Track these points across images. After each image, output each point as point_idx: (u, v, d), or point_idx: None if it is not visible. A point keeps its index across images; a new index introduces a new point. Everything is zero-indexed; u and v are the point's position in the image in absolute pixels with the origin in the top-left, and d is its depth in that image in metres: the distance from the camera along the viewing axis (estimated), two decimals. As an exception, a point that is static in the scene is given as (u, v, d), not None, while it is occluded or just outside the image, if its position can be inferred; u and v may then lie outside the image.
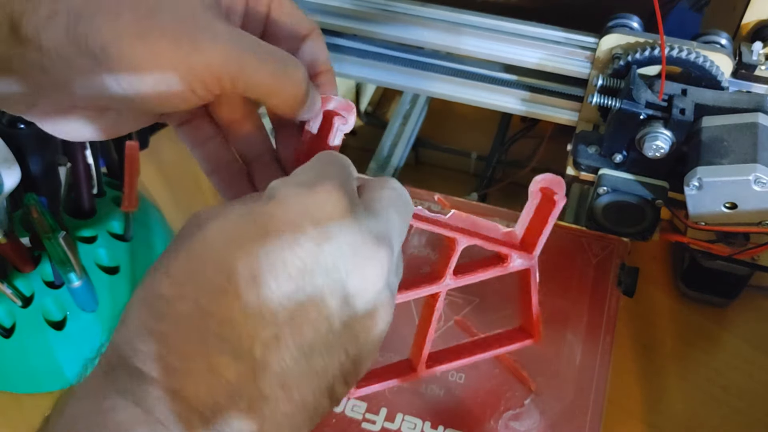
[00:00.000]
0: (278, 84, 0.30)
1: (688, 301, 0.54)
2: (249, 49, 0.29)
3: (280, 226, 0.26)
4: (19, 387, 0.50)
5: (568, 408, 0.43)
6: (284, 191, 0.27)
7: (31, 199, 0.46)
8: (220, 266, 0.25)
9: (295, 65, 0.31)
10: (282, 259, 0.26)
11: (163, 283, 0.26)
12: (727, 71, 0.44)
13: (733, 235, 0.44)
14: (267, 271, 0.25)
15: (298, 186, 0.27)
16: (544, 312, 0.41)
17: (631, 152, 0.44)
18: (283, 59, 0.30)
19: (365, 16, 0.51)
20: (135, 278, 0.52)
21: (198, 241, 0.26)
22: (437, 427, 0.42)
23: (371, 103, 0.68)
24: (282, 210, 0.26)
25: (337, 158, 0.30)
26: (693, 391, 0.50)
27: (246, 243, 0.26)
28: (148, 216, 0.57)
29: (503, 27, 0.49)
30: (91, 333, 0.50)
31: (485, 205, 0.53)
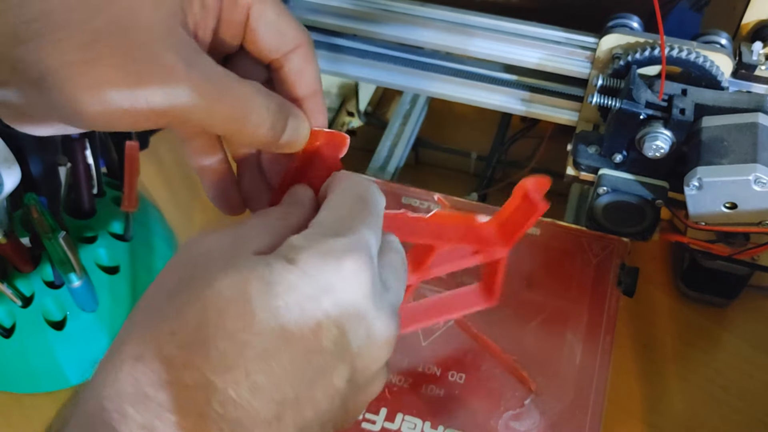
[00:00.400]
0: (237, 128, 0.28)
1: (688, 301, 0.54)
2: (203, 89, 0.26)
3: (300, 300, 0.25)
4: (19, 387, 0.50)
5: (568, 408, 0.43)
6: (309, 259, 0.25)
7: (31, 199, 0.46)
8: (233, 338, 0.24)
9: (259, 107, 0.28)
10: (298, 337, 0.24)
11: (168, 344, 0.24)
12: (727, 71, 0.44)
13: (733, 235, 0.44)
14: (281, 348, 0.24)
15: (325, 256, 0.25)
16: (544, 312, 0.41)
17: (631, 152, 0.44)
18: (244, 99, 0.28)
19: (365, 16, 0.51)
20: (135, 278, 0.52)
21: (209, 298, 0.24)
22: (437, 427, 0.42)
23: (371, 103, 0.68)
24: (304, 283, 0.25)
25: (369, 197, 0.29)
26: (693, 391, 0.50)
27: (262, 314, 0.24)
28: (148, 216, 0.57)
29: (503, 27, 0.49)
30: (91, 333, 0.50)
31: (485, 205, 0.53)
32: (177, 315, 0.24)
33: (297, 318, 0.25)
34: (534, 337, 0.45)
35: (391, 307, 0.28)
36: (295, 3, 0.53)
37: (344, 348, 0.26)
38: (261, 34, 0.31)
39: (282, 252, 0.26)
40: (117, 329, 0.53)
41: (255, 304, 0.24)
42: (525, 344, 0.45)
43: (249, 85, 0.28)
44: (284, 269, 0.25)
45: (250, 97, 0.28)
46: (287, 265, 0.25)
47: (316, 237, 0.26)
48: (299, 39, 0.31)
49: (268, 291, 0.24)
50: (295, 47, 0.31)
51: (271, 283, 0.25)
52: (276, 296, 0.24)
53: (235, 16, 0.30)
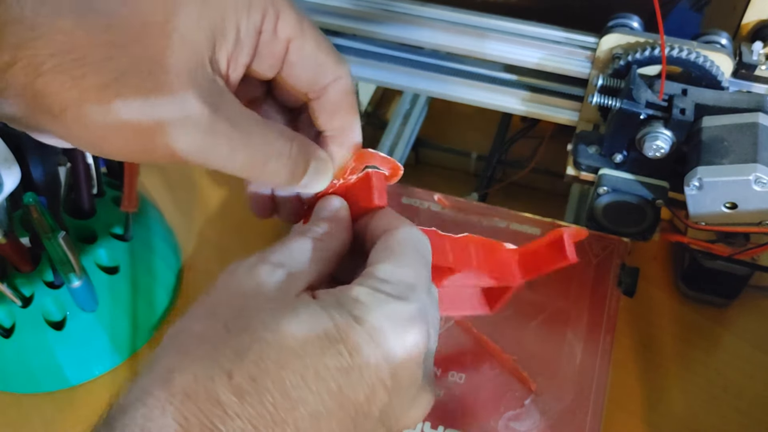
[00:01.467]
0: (255, 174, 0.28)
1: (689, 301, 0.54)
2: (223, 135, 0.26)
3: (361, 365, 0.25)
4: (19, 387, 0.50)
5: (568, 408, 0.43)
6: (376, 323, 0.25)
7: (31, 199, 0.46)
8: (289, 393, 0.24)
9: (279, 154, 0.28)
10: (352, 401, 0.24)
11: (223, 387, 0.23)
12: (727, 71, 0.44)
13: (733, 235, 0.44)
14: (333, 410, 0.24)
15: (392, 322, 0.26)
16: (544, 312, 0.41)
17: (631, 152, 0.44)
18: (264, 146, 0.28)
19: (365, 16, 0.51)
20: (135, 278, 0.52)
21: (270, 346, 0.24)
22: (437, 427, 0.42)
23: (371, 103, 0.68)
24: (369, 347, 0.25)
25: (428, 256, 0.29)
26: (693, 391, 0.50)
27: (323, 373, 0.24)
28: (148, 216, 0.57)
29: (503, 27, 0.49)
30: (91, 333, 0.50)
31: (485, 205, 0.53)
32: (234, 358, 0.24)
33: (355, 382, 0.25)
34: (534, 337, 0.45)
35: (431, 376, 0.29)
36: (295, 3, 0.53)
37: (390, 415, 0.26)
38: (299, 68, 0.30)
39: (347, 306, 0.26)
40: (117, 329, 0.53)
41: (317, 361, 0.24)
42: (525, 344, 0.45)
43: (270, 130, 0.28)
44: (350, 329, 0.25)
45: (271, 142, 0.28)
46: (354, 324, 0.25)
47: (383, 297, 0.26)
48: (338, 72, 0.31)
49: (332, 349, 0.24)
50: (334, 80, 0.31)
51: (336, 341, 0.25)
52: (339, 356, 0.24)
53: (274, 50, 0.29)
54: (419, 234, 0.30)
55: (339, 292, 0.27)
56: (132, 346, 0.51)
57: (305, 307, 0.25)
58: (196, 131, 0.25)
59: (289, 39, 0.29)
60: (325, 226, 0.30)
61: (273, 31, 0.28)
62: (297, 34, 0.29)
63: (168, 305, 0.54)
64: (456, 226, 0.51)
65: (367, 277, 0.27)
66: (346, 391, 0.24)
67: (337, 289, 0.27)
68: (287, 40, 0.29)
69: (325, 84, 0.31)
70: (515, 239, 0.50)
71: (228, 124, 0.26)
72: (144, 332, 0.52)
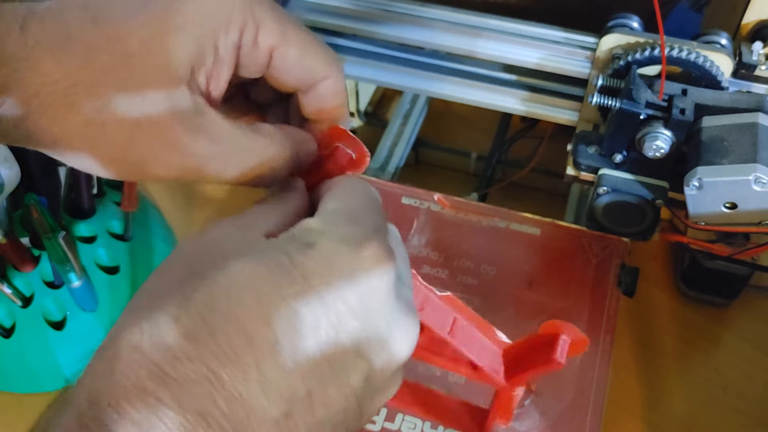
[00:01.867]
0: (249, 181, 0.28)
1: (688, 301, 0.54)
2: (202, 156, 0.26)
3: (319, 290, 0.23)
4: (19, 387, 0.50)
5: (568, 408, 0.43)
6: (328, 244, 0.24)
7: (31, 199, 0.46)
8: (244, 329, 0.22)
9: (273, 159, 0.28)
10: (314, 329, 0.23)
11: (171, 332, 0.22)
12: (727, 71, 0.44)
13: (733, 235, 0.44)
14: (295, 339, 0.22)
15: (346, 242, 0.24)
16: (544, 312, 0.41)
17: (631, 152, 0.44)
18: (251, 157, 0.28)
19: (365, 16, 0.51)
20: (135, 278, 0.52)
21: (219, 284, 0.23)
22: (437, 427, 0.42)
23: (371, 103, 0.68)
24: (324, 270, 0.23)
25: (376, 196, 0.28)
26: (693, 391, 0.50)
27: (277, 304, 0.22)
28: (147, 216, 0.57)
29: (503, 27, 0.49)
30: (91, 333, 0.50)
31: (485, 205, 0.53)
32: (182, 301, 0.22)
33: (315, 309, 0.23)
34: (534, 337, 0.45)
35: (409, 302, 0.26)
36: (295, 3, 0.53)
37: (364, 345, 0.24)
38: (285, 74, 0.30)
39: (297, 235, 0.24)
40: (117, 329, 0.53)
41: (269, 292, 0.22)
42: (525, 344, 0.45)
43: (256, 138, 0.28)
44: (302, 254, 0.23)
45: (258, 152, 0.28)
46: (306, 249, 0.24)
47: (335, 220, 0.25)
48: (326, 71, 0.30)
49: (285, 278, 0.23)
50: (321, 80, 0.31)
51: (289, 269, 0.23)
52: (293, 284, 0.23)
53: (256, 59, 0.29)
54: (363, 181, 0.29)
55: (292, 228, 0.25)
56: (132, 346, 0.51)
57: (258, 244, 0.24)
58: (179, 155, 0.26)
59: (271, 48, 0.29)
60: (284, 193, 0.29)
61: (253, 44, 0.28)
62: (279, 42, 0.29)
63: (168, 305, 0.54)
64: (456, 226, 0.51)
65: (318, 213, 0.26)
66: (306, 319, 0.23)
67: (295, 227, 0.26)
68: (270, 49, 0.29)
69: (312, 83, 0.31)
70: (515, 239, 0.50)
71: (210, 143, 0.26)
72: (144, 332, 0.52)
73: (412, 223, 0.51)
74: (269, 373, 0.22)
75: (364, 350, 0.24)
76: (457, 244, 0.50)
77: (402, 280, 0.27)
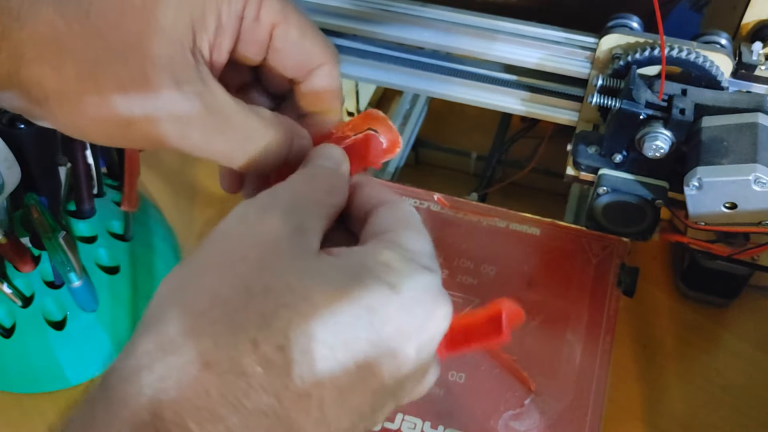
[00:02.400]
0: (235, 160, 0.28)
1: (688, 301, 0.54)
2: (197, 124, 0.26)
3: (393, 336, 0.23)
4: (19, 387, 0.50)
5: (568, 408, 0.43)
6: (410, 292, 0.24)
7: (31, 199, 0.46)
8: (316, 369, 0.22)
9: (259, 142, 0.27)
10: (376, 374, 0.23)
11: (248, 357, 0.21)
12: (726, 71, 0.44)
13: (733, 235, 0.44)
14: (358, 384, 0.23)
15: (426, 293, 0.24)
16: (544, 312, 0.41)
17: (631, 152, 0.44)
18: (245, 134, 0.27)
19: (365, 16, 0.51)
20: (135, 278, 0.52)
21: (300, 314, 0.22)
22: (437, 427, 0.42)
23: (371, 103, 0.68)
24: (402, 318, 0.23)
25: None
26: (693, 391, 0.50)
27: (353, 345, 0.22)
28: (148, 216, 0.57)
29: (503, 27, 0.49)
30: (92, 333, 0.50)
31: (485, 205, 0.53)
32: (262, 324, 0.22)
33: (383, 356, 0.23)
34: (534, 337, 0.45)
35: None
36: (295, 3, 0.53)
37: (403, 388, 0.25)
38: (284, 54, 0.30)
39: (378, 272, 0.24)
40: (117, 329, 0.53)
41: (347, 331, 0.22)
42: (525, 344, 0.45)
43: (253, 117, 0.28)
44: (386, 298, 0.23)
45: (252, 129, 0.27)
46: (389, 293, 0.23)
47: (416, 267, 0.25)
48: (323, 58, 0.31)
49: (362, 321, 0.23)
50: (319, 65, 0.31)
51: (370, 311, 0.23)
52: (371, 327, 0.23)
53: (257, 36, 0.29)
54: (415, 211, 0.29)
55: (364, 255, 0.24)
56: (132, 346, 0.51)
57: (332, 269, 0.23)
58: (173, 119, 0.25)
59: (272, 25, 0.29)
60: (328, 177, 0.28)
61: (255, 18, 0.28)
62: (280, 20, 0.29)
63: (168, 305, 0.54)
64: (456, 226, 0.51)
65: (389, 242, 0.25)
66: (374, 365, 0.23)
67: (359, 250, 0.25)
68: (271, 26, 0.29)
69: (309, 69, 0.31)
70: (515, 239, 0.50)
71: (206, 112, 0.26)
72: (144, 332, 0.52)
73: (412, 223, 0.51)
74: (329, 414, 0.22)
75: (400, 391, 0.25)
76: (457, 244, 0.50)
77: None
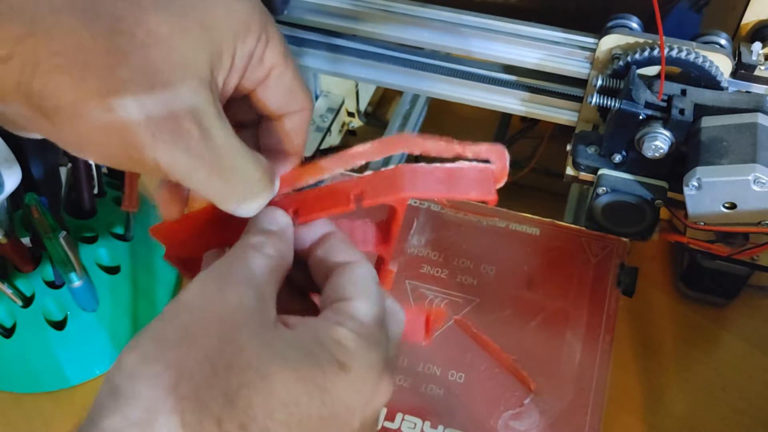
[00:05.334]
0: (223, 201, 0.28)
1: (688, 301, 0.54)
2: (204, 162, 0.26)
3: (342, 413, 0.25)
4: (19, 387, 0.51)
5: (568, 408, 0.43)
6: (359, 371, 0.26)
7: (31, 199, 0.46)
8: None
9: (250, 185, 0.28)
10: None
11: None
12: (726, 71, 0.44)
13: (733, 235, 0.44)
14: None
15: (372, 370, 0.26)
16: (543, 312, 0.41)
17: (630, 152, 0.44)
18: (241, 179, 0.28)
19: (365, 17, 0.51)
20: (135, 278, 0.53)
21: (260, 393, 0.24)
22: (437, 427, 0.42)
23: (371, 103, 0.68)
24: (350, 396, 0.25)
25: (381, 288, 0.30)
26: (693, 391, 0.50)
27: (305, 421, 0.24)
28: (148, 216, 0.57)
29: (503, 27, 0.49)
30: (92, 333, 0.50)
31: (485, 205, 0.53)
32: (225, 403, 0.23)
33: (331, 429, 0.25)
34: (534, 337, 0.45)
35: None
36: (295, 3, 0.53)
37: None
38: (273, 94, 0.30)
39: (331, 349, 0.26)
40: (117, 329, 0.53)
41: (301, 410, 0.24)
42: (525, 344, 0.45)
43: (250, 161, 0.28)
44: (337, 377, 0.25)
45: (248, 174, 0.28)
46: (340, 372, 0.25)
47: (364, 345, 0.26)
48: (304, 103, 0.31)
49: (315, 399, 0.25)
50: (299, 110, 0.31)
51: (323, 391, 0.25)
52: (323, 406, 0.25)
53: (257, 74, 0.29)
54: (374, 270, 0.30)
55: (318, 328, 0.26)
56: (132, 346, 0.51)
57: (289, 345, 0.25)
58: (184, 151, 0.25)
59: (272, 67, 0.29)
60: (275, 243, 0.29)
61: (261, 58, 0.29)
62: (281, 62, 0.30)
63: (168, 305, 0.54)
64: (456, 226, 0.51)
65: (342, 315, 0.27)
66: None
67: (314, 323, 0.27)
68: (270, 67, 0.29)
69: (290, 111, 0.31)
70: (515, 239, 0.50)
71: (218, 153, 0.26)
72: (144, 332, 0.52)
73: (412, 223, 0.51)
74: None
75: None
76: (457, 244, 0.50)
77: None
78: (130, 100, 0.24)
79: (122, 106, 0.24)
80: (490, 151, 0.30)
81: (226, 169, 0.27)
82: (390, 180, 0.30)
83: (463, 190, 0.30)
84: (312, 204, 0.31)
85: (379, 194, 0.30)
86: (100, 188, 0.54)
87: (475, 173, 0.30)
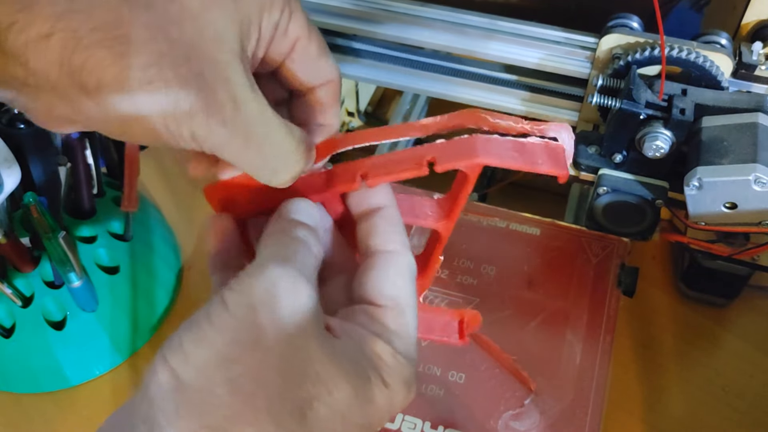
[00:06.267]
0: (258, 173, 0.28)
1: (688, 301, 0.54)
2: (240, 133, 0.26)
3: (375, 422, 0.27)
4: (19, 387, 0.50)
5: (568, 408, 0.43)
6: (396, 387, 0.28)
7: (31, 199, 0.46)
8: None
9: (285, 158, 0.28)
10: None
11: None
12: (727, 71, 0.44)
13: (733, 235, 0.44)
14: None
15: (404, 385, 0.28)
16: (544, 312, 0.41)
17: (631, 152, 0.44)
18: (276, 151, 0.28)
19: (365, 16, 0.51)
20: (135, 278, 0.52)
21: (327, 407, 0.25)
22: (437, 427, 0.42)
23: (371, 103, 0.68)
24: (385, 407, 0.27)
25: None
26: (693, 391, 0.50)
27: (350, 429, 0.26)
28: (148, 216, 0.57)
29: (503, 27, 0.49)
30: (91, 333, 0.50)
31: (485, 205, 0.53)
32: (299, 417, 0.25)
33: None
34: (534, 337, 0.45)
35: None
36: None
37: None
38: (300, 67, 0.31)
39: (374, 362, 0.27)
40: (117, 329, 0.53)
41: (352, 419, 0.26)
42: (525, 344, 0.45)
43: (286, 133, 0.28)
44: (379, 390, 0.27)
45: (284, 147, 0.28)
46: (382, 387, 0.27)
47: (402, 362, 0.28)
48: (331, 75, 0.32)
49: (362, 410, 0.26)
50: (326, 82, 0.31)
51: (369, 402, 0.27)
52: (365, 416, 0.26)
53: (281, 47, 0.30)
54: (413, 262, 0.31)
55: (359, 339, 0.28)
56: (132, 346, 0.51)
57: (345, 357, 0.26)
58: (220, 124, 0.25)
59: (296, 39, 0.30)
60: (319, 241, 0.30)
61: (285, 30, 0.29)
62: (304, 34, 0.30)
63: (168, 305, 0.54)
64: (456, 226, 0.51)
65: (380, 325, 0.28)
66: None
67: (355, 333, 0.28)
68: (295, 39, 0.30)
69: (317, 84, 0.31)
70: (515, 239, 0.50)
71: (247, 123, 0.26)
72: (144, 332, 0.52)
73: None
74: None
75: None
76: (457, 244, 0.50)
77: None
78: (169, 72, 0.24)
79: (161, 78, 0.24)
80: (558, 128, 0.31)
81: (260, 140, 0.27)
82: (464, 146, 0.30)
83: (536, 162, 0.30)
84: (383, 167, 0.31)
85: (452, 159, 0.30)
86: (99, 188, 0.54)
87: (547, 148, 0.30)
